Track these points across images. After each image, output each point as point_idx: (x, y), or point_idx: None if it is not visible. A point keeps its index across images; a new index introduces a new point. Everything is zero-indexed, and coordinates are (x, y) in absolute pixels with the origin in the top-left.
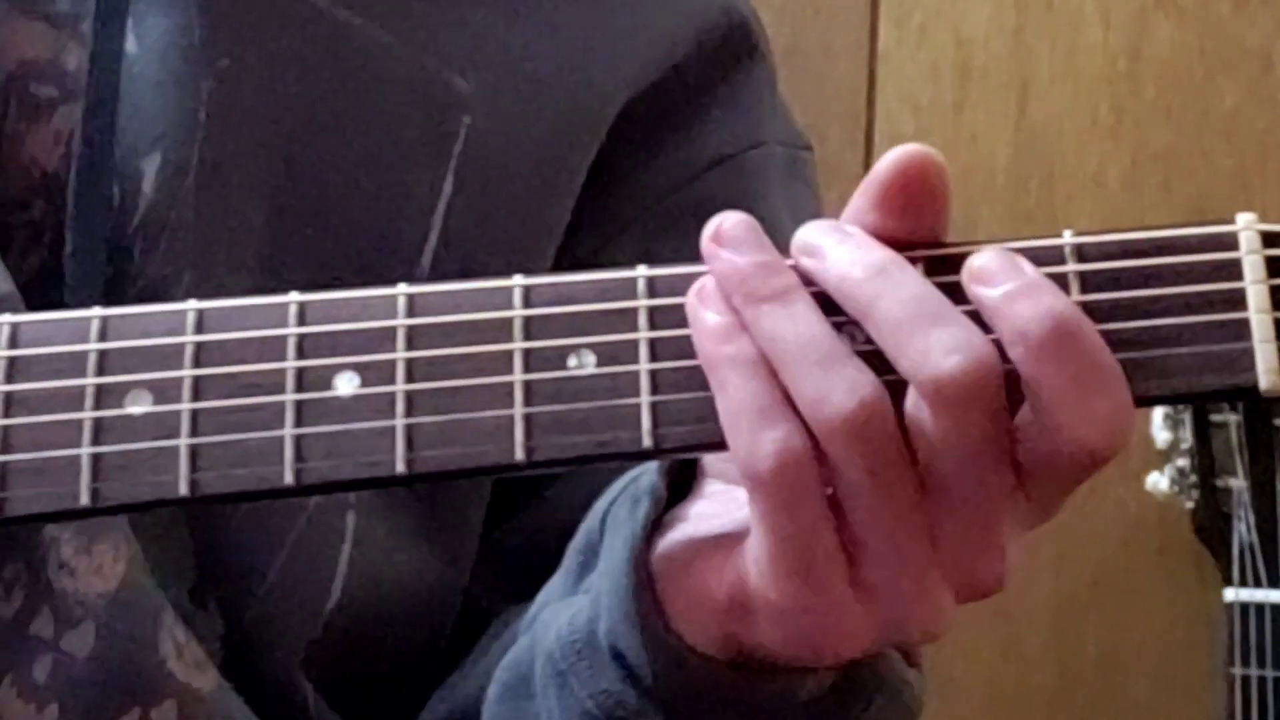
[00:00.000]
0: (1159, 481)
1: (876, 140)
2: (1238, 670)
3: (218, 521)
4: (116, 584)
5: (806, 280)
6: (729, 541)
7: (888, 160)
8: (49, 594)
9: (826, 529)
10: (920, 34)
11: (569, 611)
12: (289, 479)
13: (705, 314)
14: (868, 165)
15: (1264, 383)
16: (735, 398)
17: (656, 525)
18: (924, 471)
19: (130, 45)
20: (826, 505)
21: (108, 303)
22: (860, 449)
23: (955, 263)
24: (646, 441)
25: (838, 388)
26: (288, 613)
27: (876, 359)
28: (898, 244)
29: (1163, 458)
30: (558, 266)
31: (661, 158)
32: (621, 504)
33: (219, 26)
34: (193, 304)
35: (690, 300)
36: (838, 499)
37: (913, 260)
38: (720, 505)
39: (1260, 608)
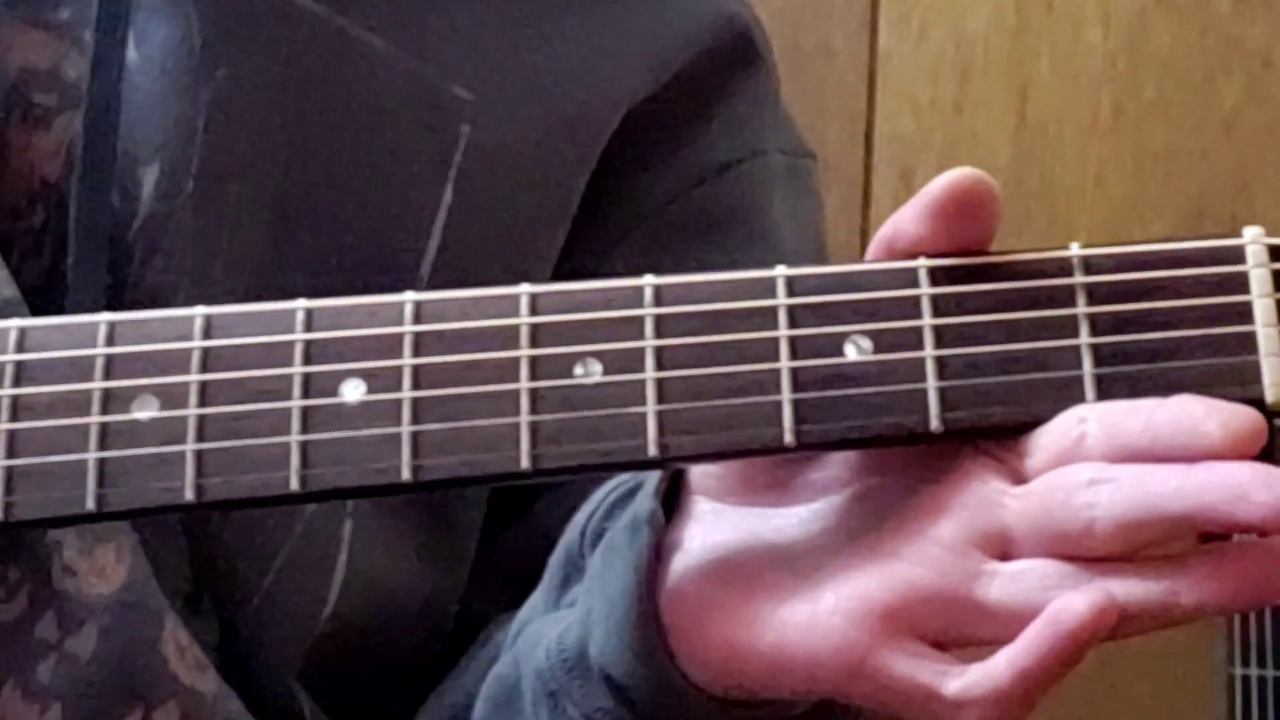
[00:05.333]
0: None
1: (876, 140)
2: (1238, 670)
3: (214, 528)
4: (119, 586)
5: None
6: (758, 593)
7: (942, 179)
8: (52, 596)
9: None
10: (920, 34)
11: (556, 628)
12: (295, 485)
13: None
14: (868, 165)
15: (1270, 396)
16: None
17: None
18: None
19: (131, 54)
20: None
21: (107, 310)
22: None
23: (966, 273)
24: (652, 450)
25: None
26: (283, 620)
27: (884, 367)
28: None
29: None
30: (558, 276)
31: (662, 166)
32: (618, 529)
33: (219, 36)
34: (200, 310)
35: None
36: None
37: (931, 272)
38: (710, 529)
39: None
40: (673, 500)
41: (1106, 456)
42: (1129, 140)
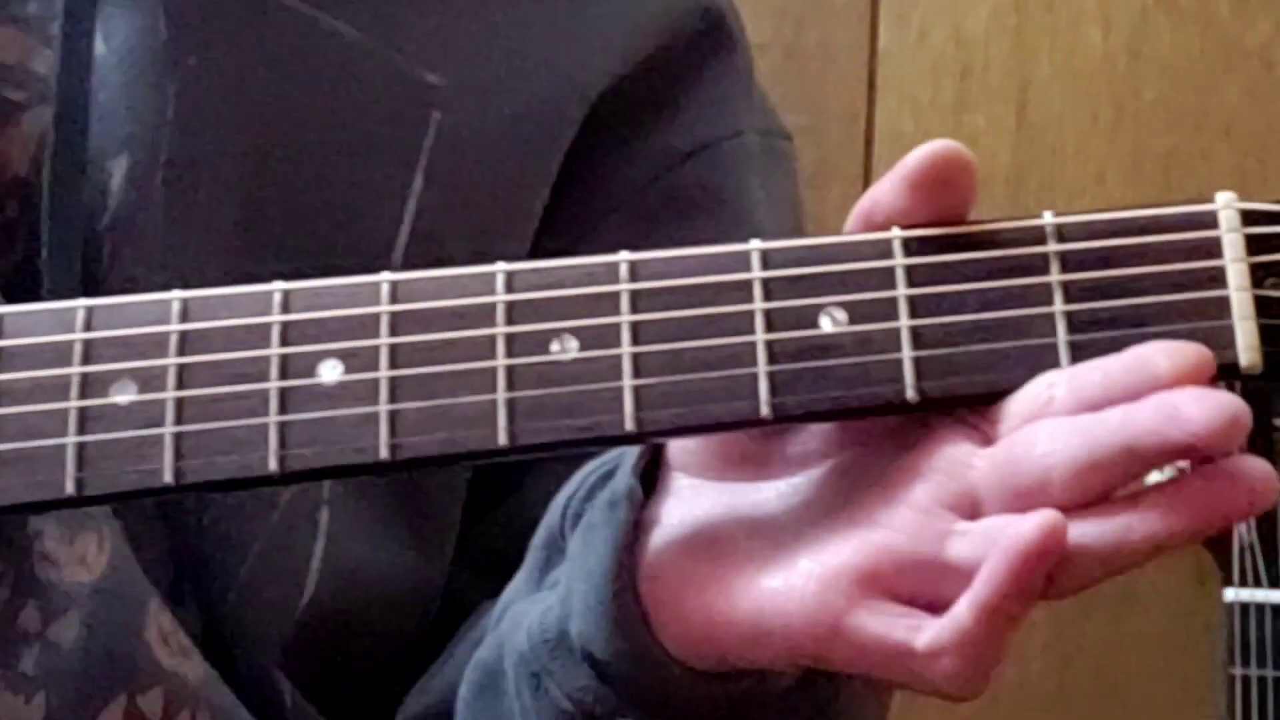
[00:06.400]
0: (1159, 481)
1: (876, 140)
2: (1238, 670)
3: (192, 517)
4: (100, 574)
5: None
6: (735, 564)
7: (919, 151)
8: (34, 586)
9: None
10: (920, 34)
11: (538, 609)
12: (273, 466)
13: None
14: (868, 165)
15: (1244, 360)
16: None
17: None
18: None
19: (99, 47)
20: None
21: None
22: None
23: (940, 243)
24: (629, 425)
25: None
26: (261, 609)
27: (859, 337)
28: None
29: None
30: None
31: (637, 149)
32: (596, 507)
33: (186, 26)
34: (177, 293)
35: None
36: None
37: (905, 243)
38: (689, 504)
39: (1260, 608)
40: (652, 478)
41: (1072, 415)
42: (1129, 140)
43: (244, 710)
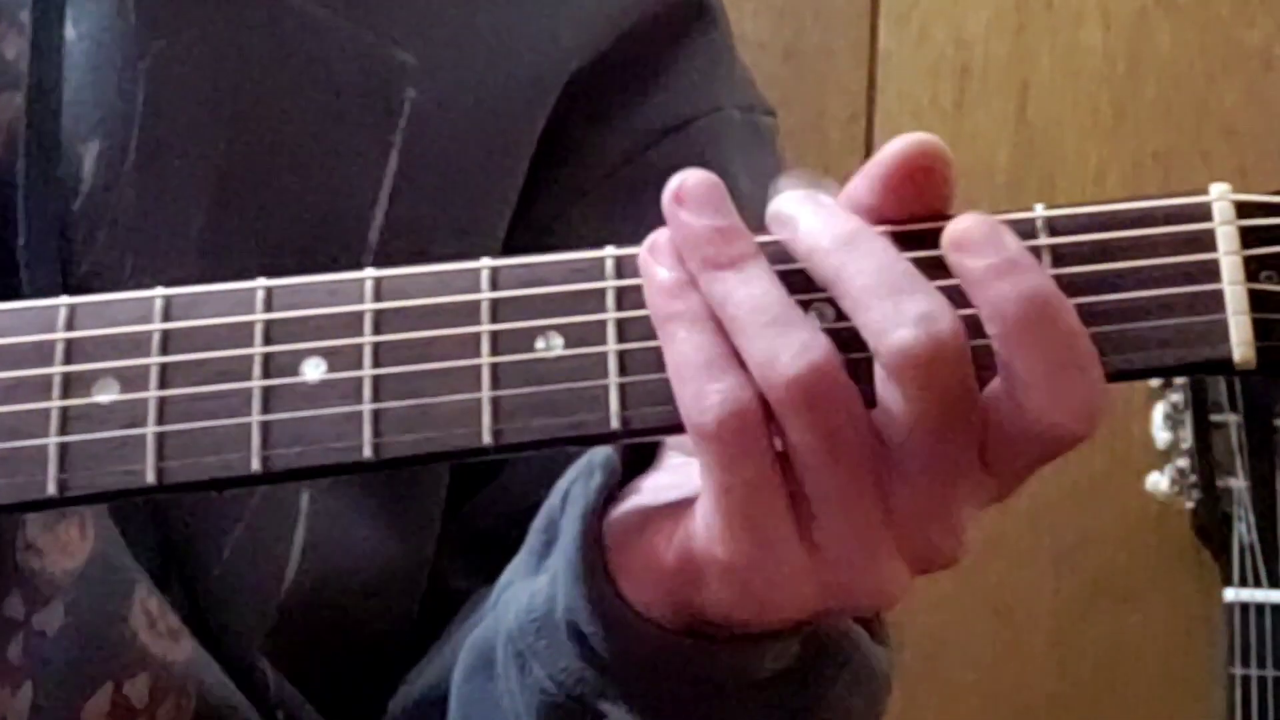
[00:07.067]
0: (1159, 482)
1: (876, 141)
2: (1238, 670)
3: (175, 503)
4: (83, 560)
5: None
6: (681, 507)
7: (892, 146)
8: (17, 575)
9: (774, 485)
10: (920, 35)
11: (529, 591)
12: (256, 466)
13: (657, 269)
14: None
15: (1238, 355)
16: (682, 351)
17: (611, 498)
18: (882, 440)
19: (69, 32)
20: (775, 461)
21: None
22: (809, 412)
23: (933, 237)
24: (615, 423)
25: (787, 350)
26: (243, 592)
27: (847, 334)
28: (884, 223)
29: (1163, 458)
30: (511, 240)
31: (615, 126)
32: (578, 480)
33: (154, 9)
34: (160, 291)
35: (643, 254)
36: (788, 458)
37: (895, 235)
38: (678, 476)
39: (1260, 608)
40: (650, 457)
41: None
42: (1129, 141)
43: (234, 691)
